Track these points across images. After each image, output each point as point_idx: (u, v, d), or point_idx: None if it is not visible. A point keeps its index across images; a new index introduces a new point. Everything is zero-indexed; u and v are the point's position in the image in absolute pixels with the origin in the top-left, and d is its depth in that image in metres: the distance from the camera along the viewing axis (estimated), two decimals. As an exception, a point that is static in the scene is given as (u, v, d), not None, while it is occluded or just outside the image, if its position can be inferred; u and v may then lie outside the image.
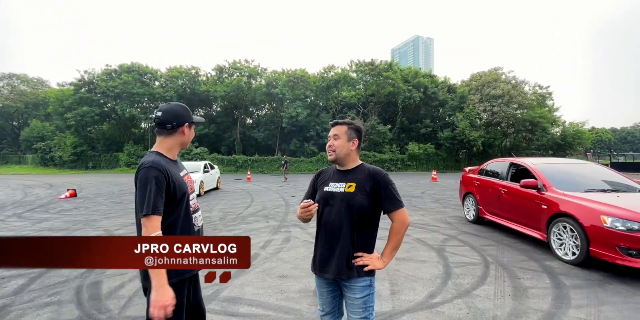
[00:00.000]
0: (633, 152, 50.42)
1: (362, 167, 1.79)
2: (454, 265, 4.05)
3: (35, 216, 7.80)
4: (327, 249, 1.74)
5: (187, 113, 1.76)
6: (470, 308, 2.92)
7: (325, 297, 1.81)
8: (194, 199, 1.81)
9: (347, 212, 1.69)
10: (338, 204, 1.72)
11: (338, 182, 1.77)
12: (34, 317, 2.82)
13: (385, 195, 1.71)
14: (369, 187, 1.71)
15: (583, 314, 2.81)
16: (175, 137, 1.74)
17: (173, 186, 1.65)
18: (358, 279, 1.69)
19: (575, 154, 38.43)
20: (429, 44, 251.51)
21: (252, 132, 34.39)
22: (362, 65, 32.18)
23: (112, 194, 12.45)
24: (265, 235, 5.64)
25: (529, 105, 33.03)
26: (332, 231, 1.73)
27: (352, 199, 1.70)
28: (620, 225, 3.63)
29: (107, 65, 32.81)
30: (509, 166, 5.91)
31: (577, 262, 3.98)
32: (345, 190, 1.73)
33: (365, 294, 1.70)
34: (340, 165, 1.83)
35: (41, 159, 36.19)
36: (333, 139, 1.79)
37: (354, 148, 1.79)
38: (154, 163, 1.61)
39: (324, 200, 1.78)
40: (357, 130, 1.81)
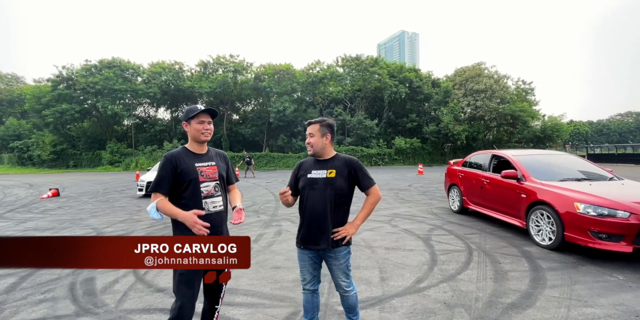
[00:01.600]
0: (608, 144, 52.57)
1: (338, 157, 2.18)
2: (439, 253, 4.24)
3: (18, 216, 7.62)
4: (315, 226, 2.07)
5: (184, 113, 2.10)
6: (454, 291, 3.11)
7: (307, 267, 2.15)
8: (209, 186, 2.04)
9: (330, 193, 2.06)
10: (321, 187, 2.07)
11: (320, 170, 2.12)
12: (29, 313, 2.83)
13: (361, 177, 2.13)
14: (346, 172, 2.11)
15: (557, 293, 3.03)
16: (188, 133, 2.09)
17: (180, 172, 1.97)
18: (341, 248, 2.10)
19: (554, 146, 39.82)
20: (414, 39, 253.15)
21: (239, 128, 34.09)
22: (348, 60, 32.27)
23: (97, 192, 12.22)
24: (257, 230, 5.72)
25: (511, 100, 33.93)
26: (317, 210, 2.07)
27: (334, 182, 2.07)
28: (591, 211, 3.89)
29: (87, 61, 31.76)
30: (491, 158, 6.16)
31: (553, 246, 4.24)
32: (327, 176, 2.09)
33: (347, 259, 2.13)
34: (318, 157, 2.18)
35: (18, 158, 34.92)
36: (309, 136, 2.14)
37: (327, 142, 2.15)
38: (167, 153, 2.02)
39: (309, 185, 2.11)
40: (328, 126, 2.16)
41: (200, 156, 2.07)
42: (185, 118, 2.06)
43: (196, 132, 2.03)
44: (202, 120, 2.03)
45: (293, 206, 2.28)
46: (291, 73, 31.86)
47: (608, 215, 3.79)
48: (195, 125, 2.02)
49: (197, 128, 2.02)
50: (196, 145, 2.08)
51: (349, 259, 2.16)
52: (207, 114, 2.05)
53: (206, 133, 2.04)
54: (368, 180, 2.13)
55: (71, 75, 30.74)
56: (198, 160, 2.05)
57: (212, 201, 2.04)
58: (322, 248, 2.07)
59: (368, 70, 31.06)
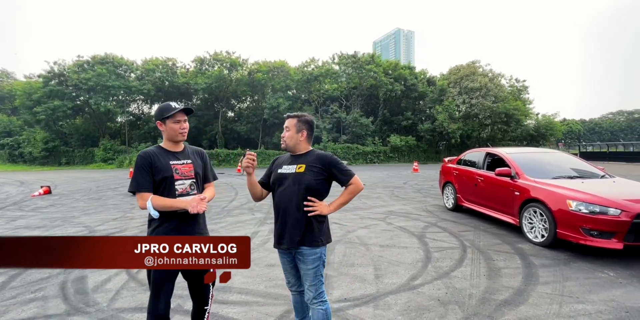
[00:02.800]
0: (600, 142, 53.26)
1: (311, 152, 2.09)
2: (433, 250, 4.26)
3: (8, 214, 7.50)
4: (282, 223, 2.00)
5: (157, 112, 2.04)
6: (448, 288, 3.12)
7: (289, 270, 2.08)
8: (184, 184, 2.01)
9: (298, 189, 1.96)
10: (289, 182, 1.99)
11: (290, 165, 2.05)
12: (19, 312, 2.79)
13: (337, 172, 2.02)
14: (317, 168, 2.00)
15: (549, 289, 3.06)
16: (162, 133, 2.06)
17: (154, 171, 1.95)
18: (305, 249, 1.95)
19: (548, 145, 40.20)
20: (409, 37, 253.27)
21: (234, 125, 33.88)
22: (344, 57, 32.17)
23: (90, 190, 12.07)
24: (252, 227, 5.69)
25: (505, 98, 34.15)
26: (284, 207, 1.99)
27: (302, 177, 1.98)
28: (583, 208, 3.93)
29: (79, 57, 31.18)
30: (485, 156, 6.19)
31: (545, 243, 4.28)
32: (296, 171, 2.00)
33: (316, 265, 1.96)
34: (292, 152, 2.11)
35: (9, 155, 34.33)
36: (285, 130, 2.08)
37: (302, 138, 2.07)
38: (142, 151, 1.98)
39: (278, 181, 2.05)
40: (306, 122, 2.08)
41: (176, 154, 2.05)
42: (159, 117, 2.00)
43: (173, 132, 2.00)
44: (178, 119, 1.99)
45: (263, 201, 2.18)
46: (285, 70, 31.68)
47: (600, 213, 3.83)
48: (172, 125, 1.99)
49: (174, 128, 1.99)
50: (171, 143, 2.06)
51: (320, 268, 1.98)
52: (183, 113, 2.02)
53: (183, 132, 2.03)
54: (345, 175, 2.02)
55: (63, 71, 30.18)
56: (173, 158, 2.02)
57: (188, 199, 2.00)
58: (286, 247, 1.97)
59: (364, 68, 31.01)
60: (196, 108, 35.20)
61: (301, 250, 1.95)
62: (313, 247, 1.95)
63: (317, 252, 1.97)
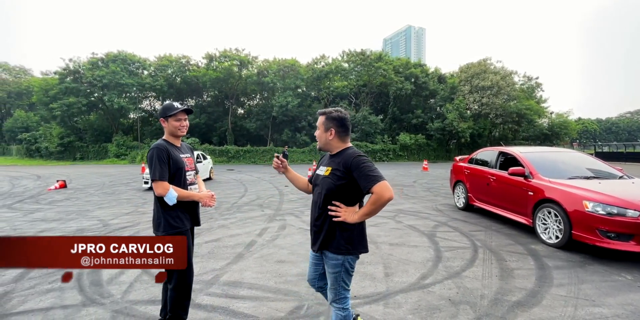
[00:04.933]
0: (617, 142, 51.79)
1: (343, 152, 1.90)
2: (444, 250, 4.22)
3: (26, 207, 7.72)
4: (312, 225, 2.00)
5: (161, 110, 2.28)
6: (459, 288, 3.09)
7: (310, 266, 2.11)
8: (191, 175, 2.35)
9: (321, 193, 1.90)
10: (319, 185, 1.95)
11: (324, 166, 1.98)
12: (37, 302, 2.87)
13: (359, 176, 1.76)
14: (339, 171, 1.83)
15: (564, 292, 3.00)
16: (164, 128, 2.30)
17: (173, 162, 2.18)
18: (329, 254, 1.89)
19: (562, 144, 39.32)
20: (420, 34, 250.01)
21: (243, 122, 34.08)
22: (353, 55, 31.98)
23: (104, 185, 12.33)
24: (261, 224, 5.73)
25: (517, 97, 33.48)
26: (313, 209, 1.99)
27: (325, 181, 1.89)
28: (600, 209, 3.83)
29: (93, 54, 31.76)
30: (497, 155, 6.08)
31: (560, 245, 4.19)
32: (324, 174, 1.92)
33: (337, 271, 1.88)
34: (327, 151, 2.03)
35: (26, 150, 35.30)
36: (317, 129, 2.00)
37: (331, 137, 1.92)
38: (156, 144, 2.19)
39: (314, 181, 2.05)
40: (333, 120, 1.91)
41: (179, 148, 2.33)
42: (162, 115, 2.25)
43: (174, 129, 2.26)
44: (179, 118, 2.25)
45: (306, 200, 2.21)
46: (296, 69, 31.65)
47: (617, 214, 3.73)
48: (173, 123, 2.24)
49: (175, 125, 2.24)
50: (173, 138, 2.31)
51: (342, 275, 1.88)
52: (184, 112, 2.28)
53: (183, 129, 2.28)
54: (366, 180, 1.72)
55: (78, 68, 30.83)
56: (179, 151, 2.31)
57: (194, 188, 2.36)
58: (313, 249, 1.98)
59: (373, 66, 30.77)
60: (206, 104, 35.53)
61: (325, 252, 1.92)
62: (335, 254, 1.86)
63: (339, 259, 1.86)
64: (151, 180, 2.10)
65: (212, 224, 5.72)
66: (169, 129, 2.26)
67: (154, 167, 2.08)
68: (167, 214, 2.14)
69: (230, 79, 30.84)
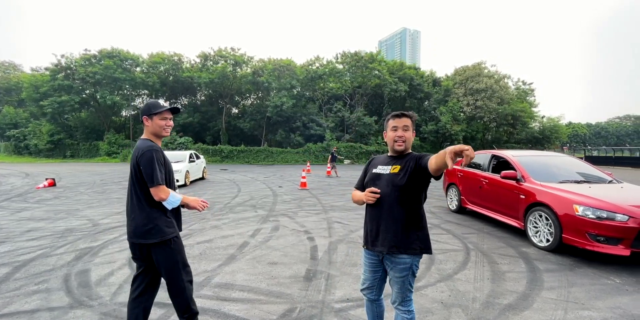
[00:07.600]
0: (606, 146, 52.79)
1: (411, 154, 1.96)
2: (437, 252, 4.23)
3: (14, 206, 7.56)
4: (375, 225, 1.94)
5: (145, 107, 2.12)
6: (452, 290, 3.10)
7: (367, 269, 2.02)
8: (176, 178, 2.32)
9: (391, 190, 1.88)
10: (383, 183, 1.92)
11: (386, 166, 1.98)
12: (22, 304, 2.80)
13: (420, 158, 1.87)
14: (410, 167, 1.87)
15: (554, 295, 3.03)
16: (146, 127, 2.14)
17: (167, 165, 2.14)
18: (401, 257, 1.85)
19: (552, 148, 39.92)
20: (415, 37, 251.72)
21: (237, 122, 33.91)
22: (347, 56, 32.07)
23: (94, 183, 12.14)
24: (254, 224, 5.69)
25: (511, 100, 33.91)
26: (378, 208, 1.92)
27: (395, 178, 1.89)
28: (590, 213, 3.88)
29: (86, 50, 31.38)
30: (490, 158, 6.14)
31: (550, 248, 4.24)
32: (391, 172, 1.93)
33: (405, 275, 1.87)
34: (399, 153, 1.99)
35: (15, 147, 34.66)
36: (402, 130, 1.93)
37: (412, 138, 2.00)
38: (151, 145, 2.05)
39: (372, 181, 2.00)
40: (414, 122, 2.02)
41: None
42: (147, 113, 2.08)
43: (159, 128, 2.11)
44: (165, 116, 2.11)
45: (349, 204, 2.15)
46: (292, 69, 31.62)
47: (607, 218, 3.78)
48: (159, 121, 2.09)
49: (160, 124, 2.10)
50: (155, 138, 2.15)
51: (409, 277, 1.88)
52: (170, 111, 2.15)
53: (167, 129, 2.15)
54: (427, 156, 1.82)
55: (70, 64, 30.39)
56: None
57: (177, 191, 2.29)
58: (380, 250, 1.90)
59: (367, 67, 30.90)
60: (200, 104, 35.27)
61: (392, 256, 1.87)
62: (406, 256, 1.85)
63: (407, 262, 1.86)
64: (152, 185, 1.98)
65: (205, 225, 5.67)
66: (153, 128, 2.10)
67: (154, 170, 1.97)
68: (161, 219, 2.08)
69: (225, 80, 30.65)
